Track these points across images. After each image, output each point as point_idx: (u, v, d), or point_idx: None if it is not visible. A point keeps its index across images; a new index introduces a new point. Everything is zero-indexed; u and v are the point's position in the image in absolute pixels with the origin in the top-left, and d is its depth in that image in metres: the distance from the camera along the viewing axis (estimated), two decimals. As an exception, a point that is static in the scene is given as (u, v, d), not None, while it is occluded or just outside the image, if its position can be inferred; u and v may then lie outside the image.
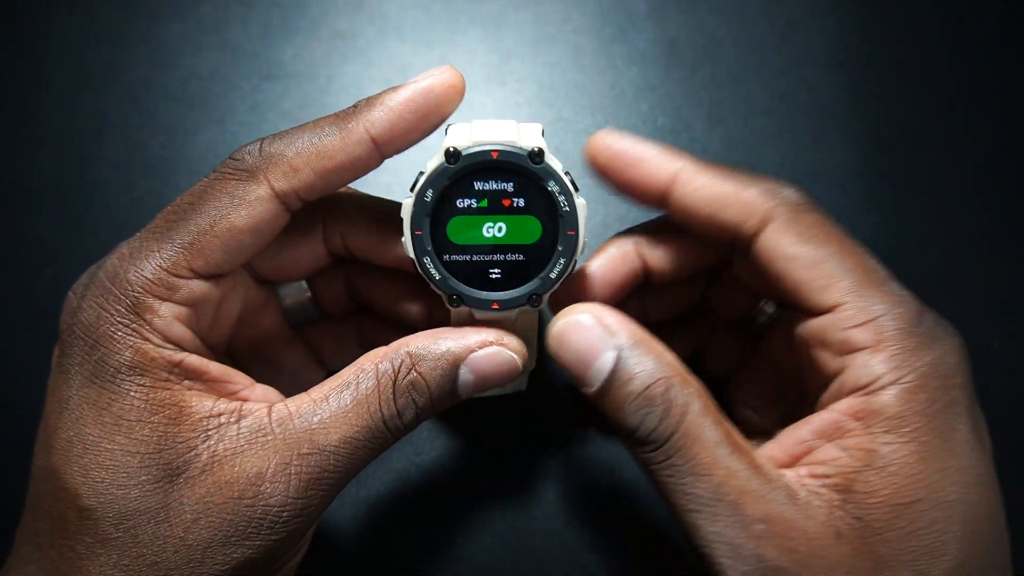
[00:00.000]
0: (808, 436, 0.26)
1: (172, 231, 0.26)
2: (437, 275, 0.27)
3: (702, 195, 0.27)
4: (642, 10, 0.44)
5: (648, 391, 0.25)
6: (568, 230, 0.26)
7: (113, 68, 0.43)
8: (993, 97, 0.43)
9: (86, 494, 0.25)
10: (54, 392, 0.26)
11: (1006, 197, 0.42)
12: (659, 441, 0.25)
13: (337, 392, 0.26)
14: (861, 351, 0.25)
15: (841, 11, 0.44)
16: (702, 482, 0.24)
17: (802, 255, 0.26)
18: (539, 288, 0.27)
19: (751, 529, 0.24)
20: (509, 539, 0.37)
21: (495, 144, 0.26)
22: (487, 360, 0.27)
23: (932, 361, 0.25)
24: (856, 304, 0.26)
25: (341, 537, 0.37)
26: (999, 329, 0.40)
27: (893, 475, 0.24)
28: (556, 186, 0.26)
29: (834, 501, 0.24)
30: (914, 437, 0.24)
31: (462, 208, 0.27)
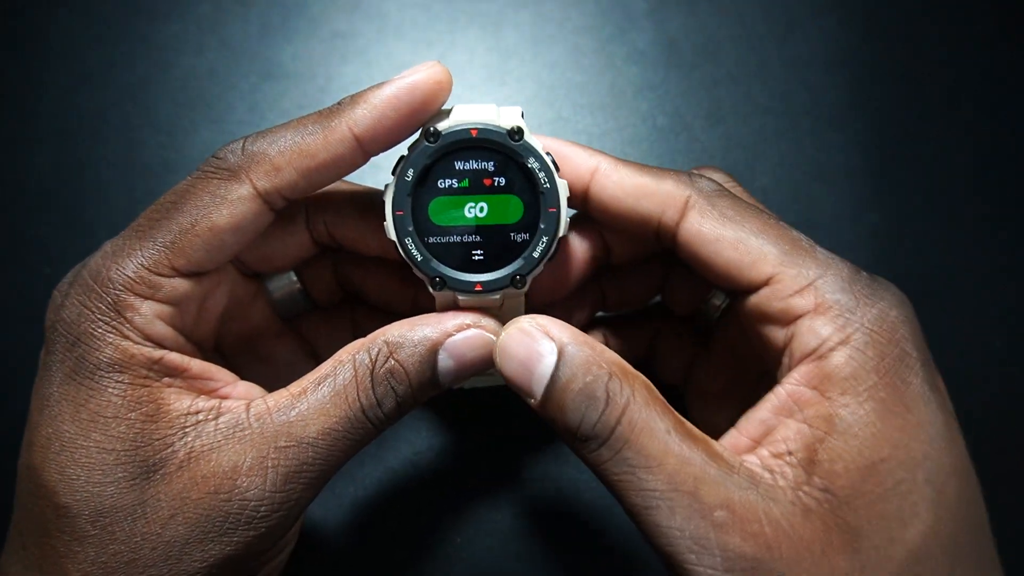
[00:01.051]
0: (767, 414, 0.26)
1: (154, 230, 0.26)
2: (419, 256, 0.27)
3: (621, 188, 0.27)
4: (642, 9, 0.44)
5: (589, 385, 0.24)
6: (549, 207, 0.26)
7: (112, 68, 0.43)
8: (993, 97, 0.43)
9: (62, 491, 0.25)
10: (37, 390, 0.27)
11: (1006, 197, 0.42)
12: (603, 435, 0.24)
13: (315, 385, 0.26)
14: (803, 317, 0.25)
15: (841, 11, 0.44)
16: (654, 474, 0.23)
17: (725, 236, 0.26)
18: (522, 268, 0.27)
19: (712, 518, 0.23)
20: (509, 539, 0.37)
21: (475, 123, 0.26)
22: (465, 343, 0.27)
23: (875, 316, 0.25)
24: (789, 272, 0.25)
25: (341, 537, 0.37)
26: (999, 329, 0.40)
27: (855, 437, 0.24)
28: (536, 163, 0.26)
29: (799, 477, 0.24)
30: (870, 395, 0.24)
31: (443, 188, 0.26)
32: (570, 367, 0.25)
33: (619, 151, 0.42)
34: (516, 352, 0.26)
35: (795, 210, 0.42)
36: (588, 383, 0.24)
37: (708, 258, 0.27)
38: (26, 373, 0.39)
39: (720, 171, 0.31)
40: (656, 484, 0.23)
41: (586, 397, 0.24)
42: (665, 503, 0.23)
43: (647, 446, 0.24)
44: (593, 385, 0.24)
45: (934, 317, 0.40)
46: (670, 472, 0.23)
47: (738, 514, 0.23)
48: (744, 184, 0.42)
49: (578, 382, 0.25)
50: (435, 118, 0.26)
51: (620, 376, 0.25)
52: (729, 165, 0.42)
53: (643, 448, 0.24)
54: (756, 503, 0.23)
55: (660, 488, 0.23)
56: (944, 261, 0.41)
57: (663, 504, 0.23)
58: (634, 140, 0.43)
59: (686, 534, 0.23)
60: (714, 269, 0.27)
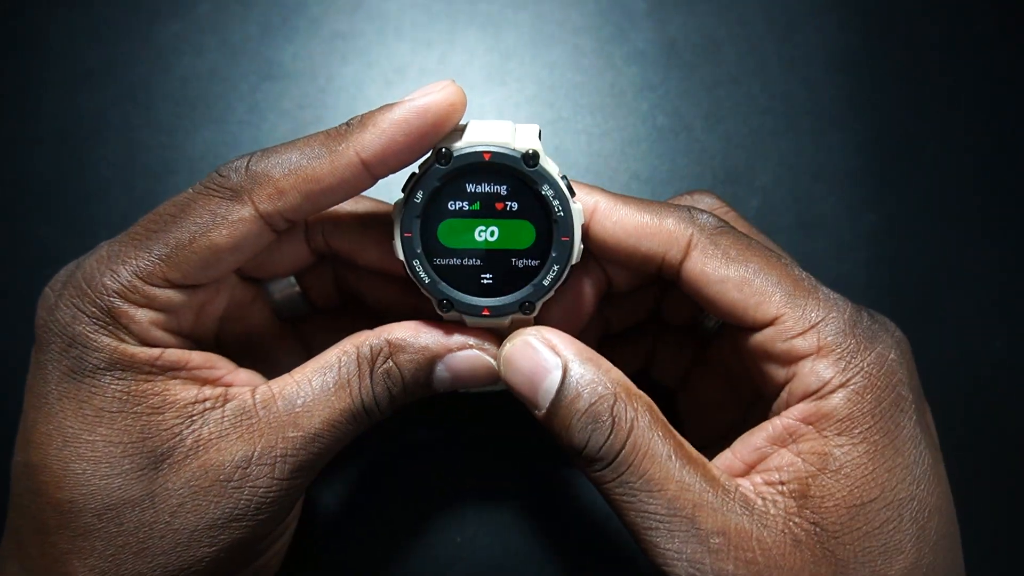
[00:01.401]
0: (762, 443, 0.26)
1: (151, 240, 0.26)
2: (427, 279, 0.26)
3: (623, 228, 0.27)
4: (641, 10, 0.44)
5: (593, 407, 0.25)
6: (563, 236, 0.26)
7: (112, 68, 0.43)
8: (993, 97, 0.43)
9: (66, 487, 0.25)
10: (32, 388, 0.27)
11: (1006, 197, 0.42)
12: (608, 458, 0.25)
13: (320, 374, 0.26)
14: (805, 358, 0.25)
15: (841, 11, 0.44)
16: (655, 498, 0.24)
17: (729, 276, 0.26)
18: (531, 296, 0.26)
19: (708, 544, 0.24)
20: (509, 538, 0.37)
21: (488, 145, 0.25)
22: (464, 362, 0.27)
23: (874, 360, 0.25)
24: (793, 314, 0.26)
25: (341, 536, 0.37)
26: (999, 329, 0.40)
27: (847, 477, 0.24)
28: (550, 190, 0.25)
29: (790, 508, 0.25)
30: (864, 437, 0.25)
31: (454, 211, 0.26)
32: (575, 386, 0.25)
33: (619, 151, 0.42)
34: (521, 365, 0.26)
35: (795, 210, 0.42)
36: (593, 405, 0.25)
37: (712, 298, 0.27)
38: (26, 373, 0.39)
39: (712, 195, 0.31)
40: (657, 508, 0.24)
41: (592, 419, 0.25)
42: (664, 526, 0.24)
43: (649, 470, 0.24)
44: (598, 408, 0.25)
45: (934, 317, 0.40)
46: (670, 497, 0.24)
47: (733, 540, 0.24)
48: (744, 184, 0.43)
49: (583, 402, 0.25)
50: (448, 135, 0.26)
51: (625, 398, 0.25)
52: (729, 165, 0.42)
53: (645, 472, 0.24)
54: (750, 530, 0.24)
55: (660, 512, 0.24)
56: (944, 261, 0.41)
57: (663, 527, 0.24)
58: (634, 140, 0.43)
59: (683, 557, 0.24)
60: (719, 308, 0.27)
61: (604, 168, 0.42)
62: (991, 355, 0.40)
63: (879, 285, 0.41)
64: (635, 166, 0.42)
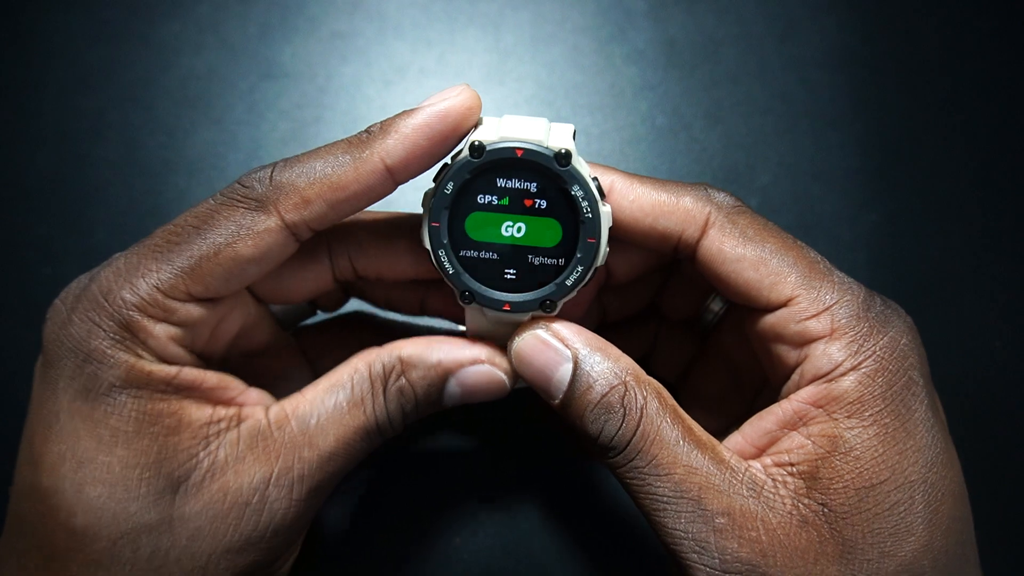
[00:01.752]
0: (772, 426, 0.26)
1: (172, 252, 0.25)
2: (451, 269, 0.26)
3: (640, 205, 0.27)
4: (641, 9, 0.44)
5: (605, 398, 0.25)
6: (589, 237, 0.26)
7: (112, 68, 0.43)
8: (993, 97, 0.43)
9: (81, 511, 0.24)
10: (40, 406, 0.26)
11: (1006, 196, 0.42)
12: (620, 446, 0.25)
13: (333, 393, 0.26)
14: (818, 340, 0.26)
15: (841, 11, 0.44)
16: (663, 481, 0.25)
17: (746, 255, 0.26)
18: (553, 294, 0.26)
19: (713, 523, 0.24)
20: (509, 539, 0.37)
21: (522, 142, 0.25)
22: (476, 377, 0.28)
23: (886, 344, 0.25)
24: (808, 296, 0.26)
25: (341, 537, 0.37)
26: (1000, 330, 0.40)
27: (857, 459, 0.24)
28: (580, 191, 0.25)
29: (799, 489, 0.25)
30: (875, 420, 0.25)
31: (482, 204, 0.26)
32: (587, 376, 0.26)
33: (619, 151, 0.42)
34: (533, 359, 0.26)
35: (795, 210, 0.42)
36: (605, 396, 0.25)
37: (728, 276, 0.27)
38: (26, 373, 0.39)
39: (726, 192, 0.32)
40: (664, 490, 0.25)
41: (604, 409, 0.25)
42: (672, 507, 0.24)
43: (658, 455, 0.25)
44: (611, 397, 0.25)
45: (934, 317, 0.40)
46: (677, 480, 0.25)
47: (737, 521, 0.24)
48: (744, 184, 0.43)
49: (595, 393, 0.25)
50: (482, 128, 0.26)
51: (635, 385, 0.26)
52: (729, 165, 0.42)
53: (654, 457, 0.25)
54: (755, 511, 0.24)
55: (668, 494, 0.25)
56: (944, 261, 0.41)
57: (670, 508, 0.24)
58: (634, 140, 0.43)
59: (689, 536, 0.24)
60: (733, 287, 0.27)
61: (604, 168, 0.42)
62: (991, 355, 0.40)
63: (879, 285, 0.40)
64: (635, 166, 0.42)
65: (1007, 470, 0.39)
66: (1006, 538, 0.38)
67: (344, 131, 0.42)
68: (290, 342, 0.34)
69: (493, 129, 0.26)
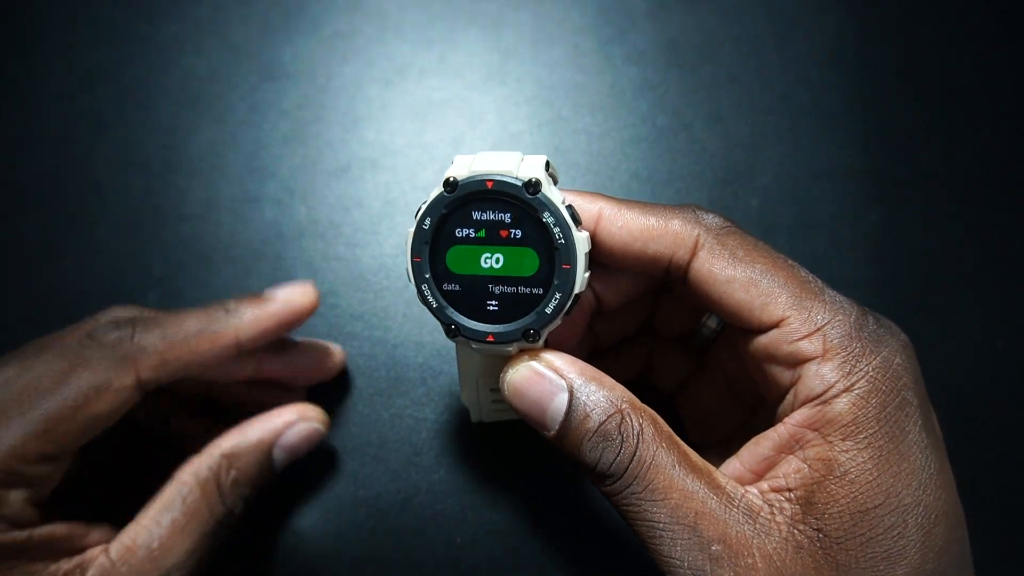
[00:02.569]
0: (769, 451, 0.26)
1: (24, 415, 0.26)
2: (435, 303, 0.27)
3: (630, 231, 0.27)
4: (641, 10, 0.44)
5: (603, 427, 0.25)
6: (564, 264, 0.26)
7: (112, 68, 0.43)
8: (993, 96, 0.43)
9: None
10: None
11: (1006, 196, 0.42)
12: (617, 473, 0.25)
13: (166, 512, 0.28)
14: (810, 361, 0.25)
15: (841, 11, 0.44)
16: (659, 507, 0.25)
17: (736, 277, 0.26)
18: (535, 324, 0.26)
19: (709, 551, 0.24)
20: (510, 540, 0.37)
21: (491, 174, 0.26)
22: (296, 437, 0.30)
23: (879, 364, 0.25)
24: (799, 316, 0.26)
25: (341, 537, 0.37)
26: (1001, 330, 0.40)
27: (852, 483, 0.24)
28: (551, 217, 0.25)
29: (795, 514, 0.25)
30: (870, 443, 0.24)
31: (460, 238, 0.26)
32: (583, 407, 0.26)
33: (619, 151, 0.42)
34: (528, 392, 0.26)
35: (795, 210, 0.42)
36: (603, 424, 0.25)
37: (719, 298, 0.27)
38: (26, 373, 0.39)
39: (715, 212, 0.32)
40: (660, 517, 0.25)
41: (601, 438, 0.25)
42: (668, 534, 0.24)
43: (654, 481, 0.25)
44: (608, 426, 0.25)
45: (935, 317, 0.40)
46: (673, 506, 0.25)
47: (733, 548, 0.24)
48: (744, 184, 0.43)
49: (592, 422, 0.26)
50: (457, 166, 0.26)
51: (631, 413, 0.26)
52: (729, 165, 0.42)
53: (650, 483, 0.25)
54: (751, 538, 0.24)
55: (664, 521, 0.25)
56: (944, 261, 0.41)
57: (666, 535, 0.24)
58: (634, 140, 0.43)
59: (685, 565, 0.24)
60: (725, 308, 0.27)
61: (604, 168, 0.42)
62: (991, 355, 0.40)
63: (879, 285, 0.41)
64: (635, 166, 0.42)
65: (1008, 470, 0.39)
66: (1007, 538, 0.38)
67: (344, 131, 0.42)
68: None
69: (466, 165, 0.26)
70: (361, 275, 0.40)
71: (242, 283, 0.40)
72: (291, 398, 0.36)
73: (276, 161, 0.42)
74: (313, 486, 0.38)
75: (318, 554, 0.37)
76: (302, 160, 0.42)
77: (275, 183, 0.42)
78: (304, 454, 0.31)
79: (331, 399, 0.39)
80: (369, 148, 0.42)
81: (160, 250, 0.41)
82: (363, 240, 0.41)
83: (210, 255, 0.41)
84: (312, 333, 0.39)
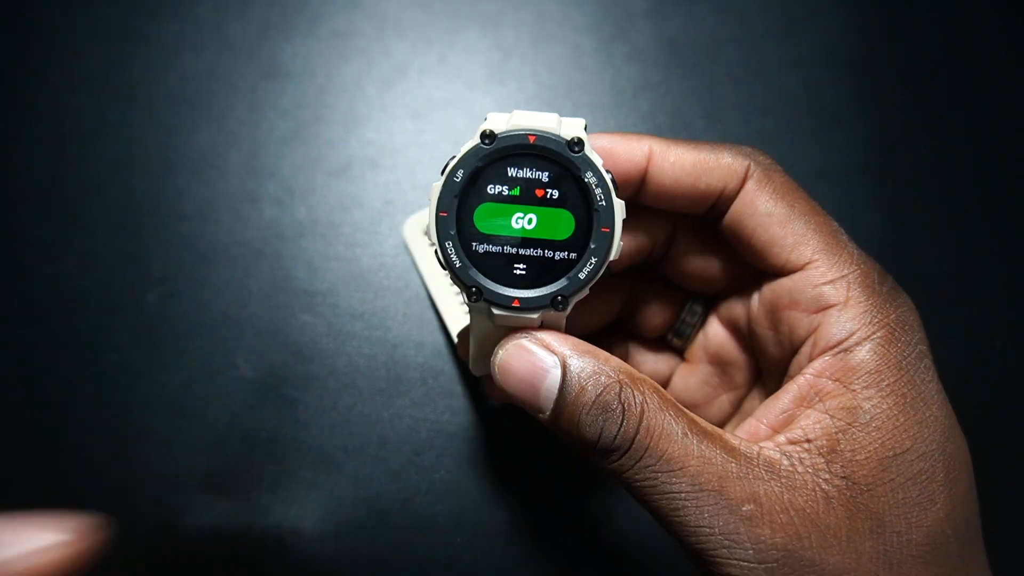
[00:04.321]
0: (789, 404, 0.26)
1: None
2: (459, 263, 0.25)
3: (683, 165, 0.27)
4: (642, 9, 0.44)
5: (600, 397, 0.24)
6: (603, 227, 0.25)
7: (111, 67, 0.43)
8: (993, 96, 0.43)
9: None
10: None
11: (1007, 196, 0.42)
12: (624, 446, 0.24)
13: None
14: (832, 308, 0.26)
15: (841, 10, 0.44)
16: (678, 476, 0.23)
17: (776, 212, 0.27)
18: (566, 289, 0.25)
19: (740, 512, 0.23)
20: (510, 540, 0.37)
21: (534, 129, 0.25)
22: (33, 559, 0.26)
23: (898, 317, 0.25)
24: (827, 261, 0.26)
25: (341, 538, 0.37)
26: (1001, 329, 0.40)
27: (878, 429, 0.24)
28: (594, 177, 0.25)
29: (817, 465, 0.24)
30: (893, 390, 0.24)
31: (492, 195, 0.25)
32: (578, 379, 0.25)
33: (619, 151, 0.42)
34: (517, 369, 0.25)
35: (795, 210, 0.42)
36: (600, 395, 0.24)
37: (753, 230, 0.27)
38: (25, 373, 0.39)
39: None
40: (681, 487, 0.23)
41: (601, 410, 0.24)
42: (692, 503, 0.23)
43: (667, 450, 0.24)
44: (606, 397, 0.24)
45: (936, 317, 0.40)
46: (693, 473, 0.23)
47: (765, 507, 0.23)
48: (744, 184, 0.43)
49: (589, 395, 0.24)
50: (493, 120, 0.25)
51: (631, 383, 0.25)
52: (729, 165, 0.42)
53: (664, 453, 0.24)
54: (780, 494, 0.23)
55: (686, 490, 0.23)
56: (945, 261, 0.41)
57: (690, 505, 0.23)
58: (634, 140, 0.43)
59: (716, 531, 0.23)
60: (755, 243, 0.27)
61: (604, 168, 0.42)
62: (992, 355, 0.40)
63: (879, 285, 0.41)
64: (635, 166, 0.42)
65: (1008, 469, 0.39)
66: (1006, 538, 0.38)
67: (344, 130, 0.42)
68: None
69: (503, 120, 0.25)
70: (361, 275, 0.40)
71: (242, 282, 0.40)
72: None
73: (276, 161, 0.42)
74: (313, 486, 0.38)
75: (318, 554, 0.37)
76: (302, 160, 0.42)
77: (275, 183, 0.42)
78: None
79: (331, 399, 0.39)
80: (369, 148, 0.42)
81: (159, 250, 0.41)
82: (363, 240, 0.41)
83: (210, 255, 0.40)
84: (313, 333, 0.39)
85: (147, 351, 0.39)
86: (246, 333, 0.39)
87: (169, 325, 0.40)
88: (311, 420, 0.38)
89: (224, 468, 0.38)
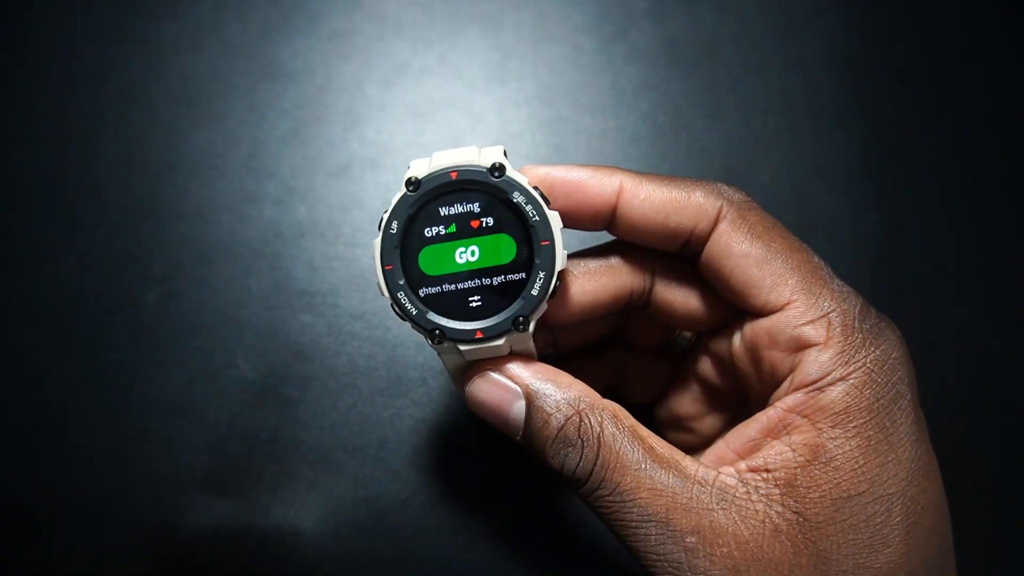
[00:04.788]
0: (756, 434, 0.26)
1: None
2: (414, 310, 0.26)
3: (651, 204, 0.27)
4: (642, 9, 0.44)
5: (562, 431, 0.25)
6: (543, 240, 0.25)
7: (111, 67, 0.43)
8: (993, 96, 0.43)
9: None
10: None
11: (1006, 196, 0.42)
12: (584, 477, 0.25)
13: None
14: (811, 348, 0.25)
15: (841, 10, 0.44)
16: (628, 508, 0.25)
17: (752, 253, 0.26)
18: (523, 309, 0.26)
19: (683, 543, 0.24)
20: (510, 540, 0.37)
21: (453, 166, 0.25)
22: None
23: (877, 356, 0.25)
24: (806, 301, 0.26)
25: (341, 538, 0.37)
26: (1001, 329, 0.40)
27: (836, 469, 0.24)
28: (522, 196, 0.25)
29: (773, 495, 0.25)
30: (859, 432, 0.24)
31: (431, 237, 0.26)
32: (541, 411, 0.26)
33: (619, 151, 0.42)
34: (487, 401, 0.26)
35: (795, 210, 0.42)
36: (562, 427, 0.25)
37: (730, 272, 0.27)
38: (26, 373, 0.39)
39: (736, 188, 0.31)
40: (632, 516, 0.25)
41: (563, 444, 0.25)
42: (641, 532, 0.25)
43: (620, 482, 0.25)
44: (567, 431, 0.25)
45: (935, 317, 0.40)
46: (643, 504, 0.25)
47: (707, 538, 0.24)
48: (744, 184, 0.42)
49: (552, 427, 0.25)
50: (415, 167, 0.26)
51: (589, 414, 0.26)
52: (729, 165, 0.42)
53: (617, 484, 0.25)
54: (726, 524, 0.24)
55: (636, 520, 0.25)
56: (944, 260, 0.41)
57: (640, 533, 0.25)
58: (634, 140, 0.43)
59: (662, 558, 0.24)
60: (734, 285, 0.27)
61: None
62: (992, 355, 0.40)
63: (879, 285, 0.41)
64: (635, 165, 0.42)
65: (1007, 470, 0.39)
66: (1005, 539, 0.38)
67: (344, 130, 0.42)
68: None
69: (424, 164, 0.26)
70: (361, 275, 0.40)
71: (242, 283, 0.40)
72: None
73: (276, 161, 0.42)
74: (313, 486, 0.38)
75: (318, 554, 0.37)
76: (302, 160, 0.42)
77: (275, 183, 0.42)
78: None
79: (331, 399, 0.39)
80: (369, 148, 0.42)
81: (160, 250, 0.41)
82: (363, 240, 0.41)
83: (210, 255, 0.40)
84: (313, 333, 0.39)
85: (147, 351, 0.39)
86: (246, 333, 0.39)
87: (169, 325, 0.40)
88: (311, 420, 0.38)
89: (224, 468, 0.38)
